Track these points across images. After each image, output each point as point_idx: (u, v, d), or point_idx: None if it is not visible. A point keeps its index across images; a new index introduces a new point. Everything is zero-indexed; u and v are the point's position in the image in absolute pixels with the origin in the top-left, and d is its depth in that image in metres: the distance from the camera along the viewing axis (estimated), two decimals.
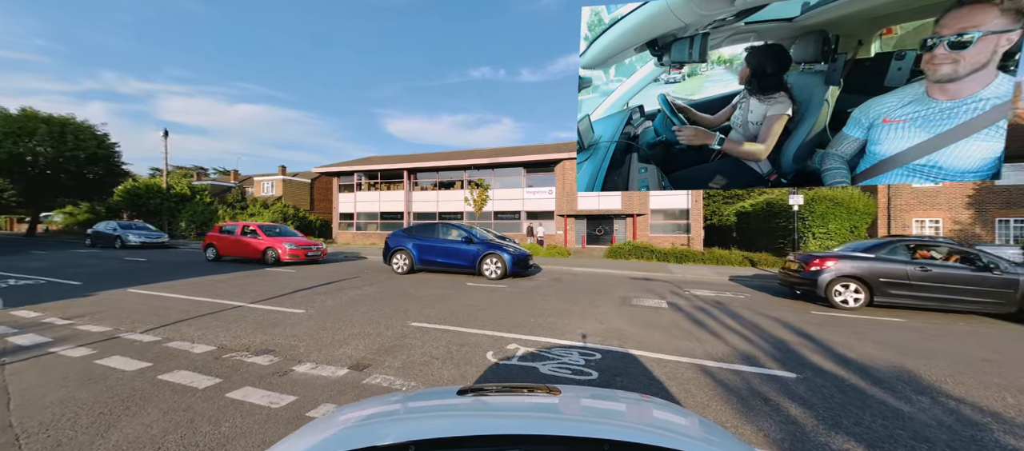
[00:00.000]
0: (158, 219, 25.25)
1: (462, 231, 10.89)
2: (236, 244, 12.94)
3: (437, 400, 1.52)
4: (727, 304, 7.15)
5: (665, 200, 22.27)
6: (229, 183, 37.77)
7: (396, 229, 11.88)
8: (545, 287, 8.90)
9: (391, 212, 27.85)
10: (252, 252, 12.65)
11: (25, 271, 10.02)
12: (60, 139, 25.20)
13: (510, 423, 1.21)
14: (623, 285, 9.14)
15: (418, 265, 10.82)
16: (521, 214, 25.41)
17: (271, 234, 13.00)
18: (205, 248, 13.64)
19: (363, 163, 29.59)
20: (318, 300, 7.07)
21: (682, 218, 22.15)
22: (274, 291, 7.85)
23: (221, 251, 13.23)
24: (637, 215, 22.24)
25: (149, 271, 10.50)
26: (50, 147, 24.68)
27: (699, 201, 21.63)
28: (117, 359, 4.01)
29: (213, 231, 13.89)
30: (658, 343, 4.72)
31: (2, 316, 5.57)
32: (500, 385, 1.59)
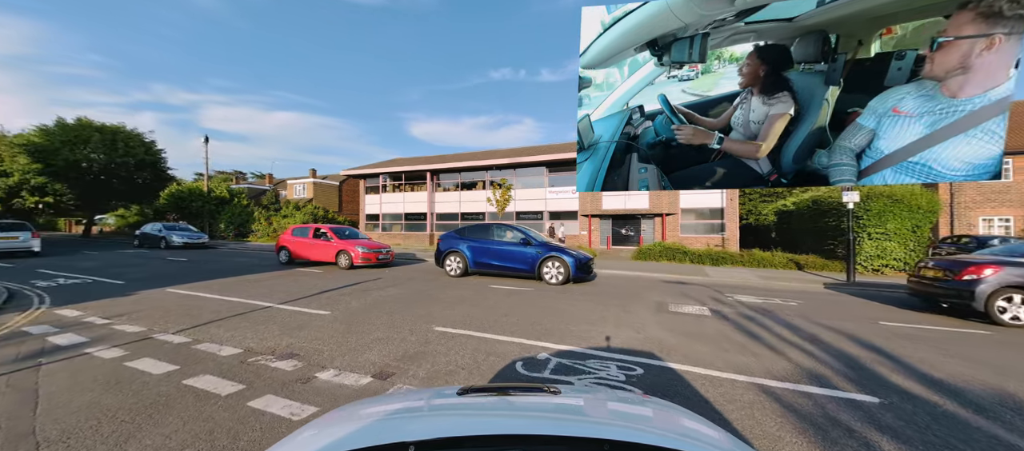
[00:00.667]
0: (200, 221, 26.58)
1: (518, 232, 10.25)
2: (309, 247, 12.57)
3: (437, 400, 1.49)
4: (777, 312, 6.52)
5: (697, 199, 21.26)
6: (264, 186, 39.45)
7: (447, 231, 11.59)
8: (573, 291, 8.50)
9: (415, 213, 28.12)
10: (325, 256, 12.28)
11: (76, 270, 10.60)
12: (111, 146, 27.05)
13: (510, 423, 1.20)
14: (657, 289, 8.60)
15: (472, 268, 10.30)
16: (544, 214, 25.02)
17: (342, 237, 12.56)
18: (277, 251, 13.37)
19: (388, 165, 30.07)
20: (343, 302, 6.99)
21: (716, 217, 21.08)
22: (303, 292, 7.86)
23: (294, 254, 12.90)
24: (666, 214, 21.35)
25: (188, 271, 10.87)
26: (103, 154, 26.52)
27: (735, 199, 20.51)
28: (147, 361, 3.98)
29: (285, 234, 13.43)
30: (707, 357, 4.25)
31: (47, 315, 5.78)
32: (500, 385, 1.55)
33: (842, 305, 7.39)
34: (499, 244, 10.19)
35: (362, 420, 1.25)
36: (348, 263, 11.72)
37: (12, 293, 7.33)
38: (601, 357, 4.20)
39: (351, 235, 13.12)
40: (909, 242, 11.52)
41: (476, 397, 1.45)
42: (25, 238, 13.43)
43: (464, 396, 1.42)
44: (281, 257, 13.16)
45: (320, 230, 12.86)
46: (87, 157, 25.84)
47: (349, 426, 1.19)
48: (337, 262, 11.98)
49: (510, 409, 1.35)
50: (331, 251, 12.13)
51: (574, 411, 1.41)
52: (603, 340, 4.86)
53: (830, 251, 12.93)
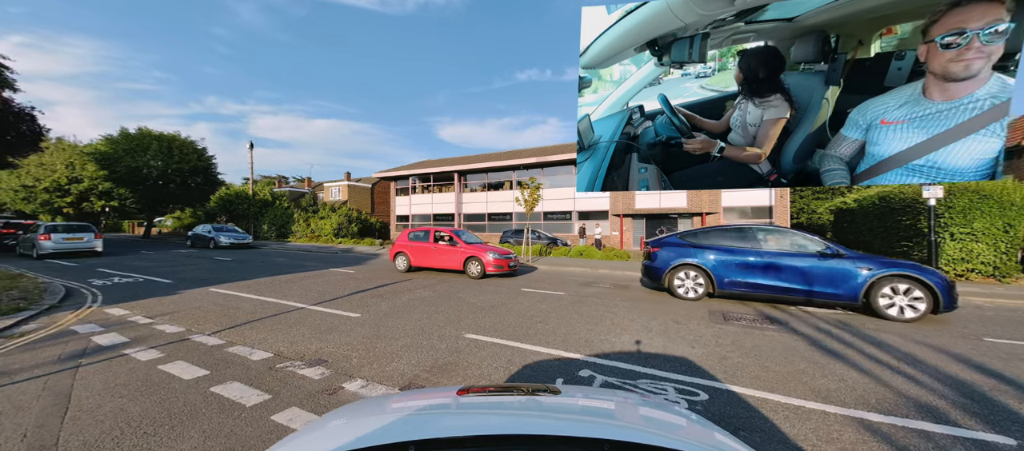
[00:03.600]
0: (245, 222, 28.08)
1: (803, 238, 6.88)
2: (431, 254, 11.12)
3: (437, 400, 1.48)
4: (855, 325, 5.69)
5: (741, 197, 19.89)
6: (304, 189, 41.25)
7: (664, 235, 8.56)
8: (609, 296, 7.95)
9: (443, 214, 28.29)
10: (450, 263, 10.77)
11: (130, 269, 11.26)
12: (168, 153, 29.08)
13: (510, 423, 1.19)
14: None
15: (722, 289, 7.03)
16: (572, 214, 24.37)
17: (468, 242, 10.96)
18: (393, 258, 11.75)
19: (416, 167, 30.48)
20: (373, 304, 6.86)
21: (762, 217, 19.63)
22: (335, 293, 7.83)
23: (413, 261, 11.34)
24: (707, 213, 20.13)
25: (231, 271, 11.27)
26: (160, 161, 28.58)
27: (785, 197, 19.00)
28: (180, 365, 3.92)
29: (401, 238, 11.88)
30: (781, 380, 3.64)
31: (96, 314, 5.99)
32: (500, 385, 1.54)
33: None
34: (777, 257, 6.75)
35: (363, 420, 1.24)
36: (480, 271, 10.08)
37: (70, 291, 7.78)
38: (654, 376, 3.70)
39: (473, 239, 11.44)
40: (1000, 243, 10.01)
41: (476, 397, 1.42)
42: (89, 239, 14.53)
43: (464, 396, 1.40)
44: (398, 264, 11.58)
45: (440, 234, 11.39)
46: (147, 164, 27.92)
47: (350, 426, 1.18)
48: (465, 270, 10.42)
49: (510, 409, 1.33)
50: (457, 258, 10.59)
51: (574, 411, 1.38)
52: (655, 354, 4.35)
53: (904, 254, 11.52)
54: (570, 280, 9.95)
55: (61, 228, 13.96)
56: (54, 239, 13.46)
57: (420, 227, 12.59)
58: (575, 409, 1.40)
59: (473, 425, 1.15)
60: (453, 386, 1.65)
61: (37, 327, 5.19)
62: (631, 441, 0.98)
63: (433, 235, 11.45)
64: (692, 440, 1.16)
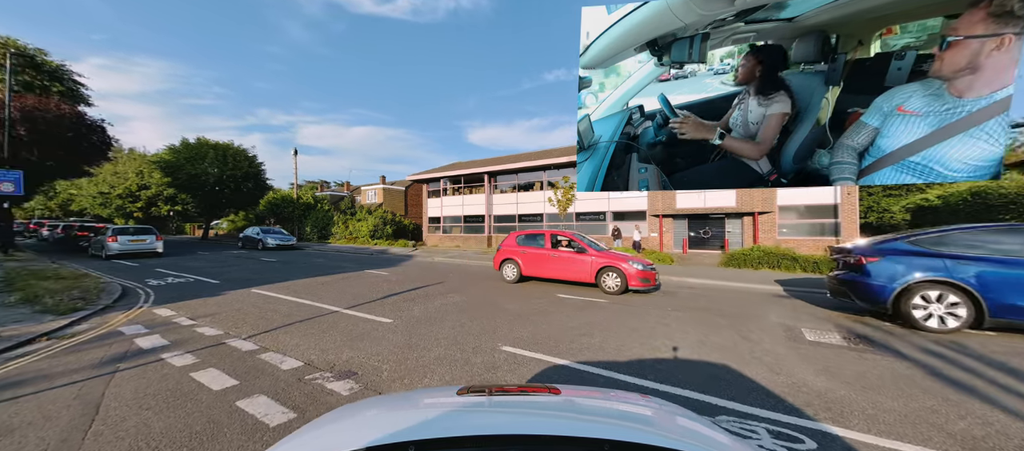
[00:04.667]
0: (290, 224, 29.48)
1: None
2: (549, 262, 9.13)
3: (437, 400, 1.46)
4: (973, 347, 4.69)
5: (800, 195, 18.12)
6: (343, 193, 42.91)
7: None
8: (658, 303, 7.24)
9: (473, 215, 28.22)
10: (576, 274, 8.73)
11: (184, 270, 11.87)
12: (223, 161, 31.16)
13: (510, 423, 1.19)
14: (772, 307, 6.98)
15: (998, 318, 4.97)
16: (606, 215, 23.37)
17: (599, 249, 9.01)
18: (499, 266, 9.91)
19: (447, 169, 30.67)
20: (406, 309, 6.61)
21: (827, 216, 17.78)
22: (368, 296, 7.69)
23: (526, 269, 9.44)
24: (759, 213, 18.55)
25: (274, 272, 11.60)
26: (216, 168, 30.67)
27: (854, 194, 17.08)
28: (211, 373, 3.78)
29: (508, 241, 10.00)
30: (908, 423, 2.88)
31: (145, 315, 6.15)
32: (501, 385, 1.53)
33: None
34: None
35: (363, 420, 1.26)
36: (620, 286, 7.96)
37: (126, 291, 8.18)
38: (739, 413, 3.04)
39: (596, 245, 9.44)
40: None
41: (476, 397, 1.40)
42: (151, 241, 15.62)
43: (464, 396, 1.39)
44: (506, 274, 9.74)
45: (559, 238, 9.49)
46: (204, 171, 30.01)
47: (350, 426, 1.21)
48: (599, 283, 8.34)
49: (510, 409, 1.33)
50: (586, 268, 8.53)
51: (574, 411, 1.38)
52: (729, 383, 3.69)
53: None
54: None
55: (126, 231, 15.08)
56: (120, 241, 14.56)
57: (531, 230, 10.50)
58: (575, 409, 1.39)
59: (473, 425, 1.13)
60: (453, 386, 1.67)
61: (89, 328, 5.35)
62: (631, 441, 0.98)
63: (550, 239, 9.51)
64: (692, 440, 1.17)
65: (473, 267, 13.69)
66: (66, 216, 44.59)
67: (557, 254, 9.21)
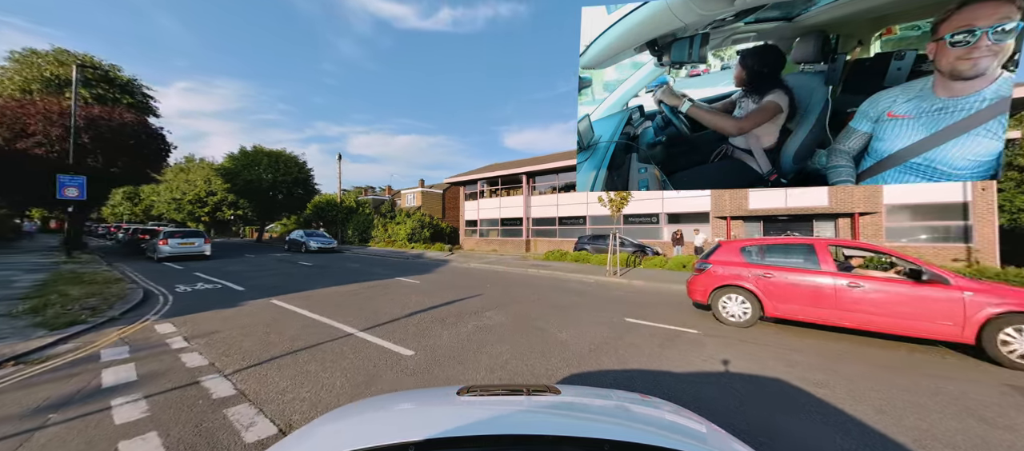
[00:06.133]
0: (334, 227, 30.03)
1: None
2: (840, 298, 5.04)
3: (437, 400, 1.48)
4: None
5: (915, 192, 14.79)
6: (384, 197, 43.66)
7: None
8: (769, 342, 5.37)
9: (511, 218, 26.93)
10: (916, 321, 4.62)
11: (220, 274, 11.60)
12: (275, 167, 32.55)
13: (510, 423, 1.17)
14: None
15: None
16: (660, 217, 21.01)
17: (971, 278, 4.72)
18: (708, 296, 6.14)
19: (484, 171, 29.68)
20: (433, 333, 5.34)
21: (953, 217, 14.35)
22: (392, 312, 6.54)
23: (777, 308, 5.49)
24: (861, 213, 15.44)
25: (305, 277, 10.98)
26: (270, 174, 32.08)
27: (991, 190, 13.60)
28: (151, 441, 2.68)
29: (725, 254, 6.18)
30: None
31: (143, 332, 5.37)
32: (500, 385, 1.52)
33: None
34: None
35: (363, 420, 1.26)
36: None
37: (146, 296, 7.71)
38: None
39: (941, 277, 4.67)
40: None
41: (476, 397, 1.38)
42: (199, 244, 15.92)
43: (464, 396, 1.38)
44: (725, 314, 5.89)
45: (848, 254, 6.50)
46: (259, 177, 31.46)
47: (350, 426, 1.20)
48: (983, 345, 4.30)
49: (510, 409, 1.31)
50: (949, 314, 4.46)
51: (574, 411, 1.37)
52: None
53: None
54: (690, 306, 7.46)
55: (178, 233, 15.44)
56: (171, 244, 14.89)
57: (778, 238, 6.04)
58: (575, 409, 1.39)
59: (473, 425, 1.10)
60: (453, 386, 1.53)
61: (70, 348, 4.60)
62: (631, 441, 0.98)
63: (828, 253, 5.41)
64: (692, 440, 1.16)
65: (513, 276, 12.31)
66: (148, 220, 49.41)
67: (860, 283, 4.95)
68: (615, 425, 1.26)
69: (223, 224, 42.66)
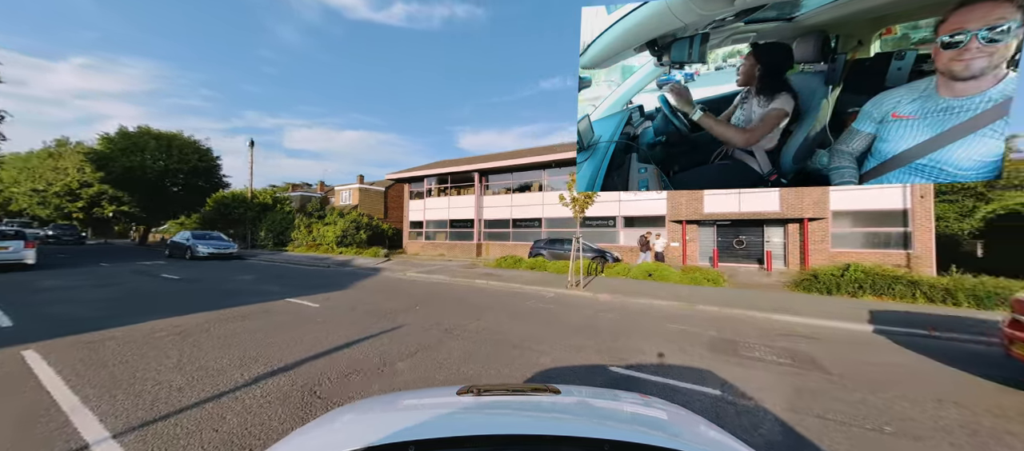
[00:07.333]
0: (242, 228, 25.09)
1: None
2: None
3: (437, 400, 1.47)
4: None
5: (858, 197, 14.80)
6: (315, 194, 38.49)
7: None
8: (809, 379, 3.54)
9: (461, 220, 24.43)
10: None
11: (22, 291, 7.71)
12: (167, 153, 26.77)
13: (510, 423, 1.17)
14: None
15: None
16: (616, 220, 19.91)
17: None
18: None
19: (433, 167, 26.89)
20: (268, 439, 2.78)
21: (893, 224, 14.46)
22: (228, 379, 3.80)
23: None
24: (810, 219, 15.15)
25: (149, 300, 7.61)
26: (161, 161, 26.24)
27: (929, 197, 13.79)
28: None
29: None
30: None
31: None
32: (500, 385, 1.50)
33: None
34: None
35: (363, 420, 1.26)
36: None
37: None
38: None
39: None
40: None
41: (476, 397, 1.37)
42: (16, 249, 11.42)
43: (464, 396, 1.37)
44: None
45: None
46: (142, 164, 25.54)
47: (350, 426, 1.19)
48: None
49: (510, 409, 1.31)
50: None
51: (574, 411, 1.38)
52: None
53: None
54: (687, 336, 5.59)
55: None
56: None
57: None
58: (575, 409, 1.40)
59: (473, 425, 1.12)
60: (453, 386, 1.50)
61: None
62: (631, 441, 0.97)
63: None
64: (692, 440, 1.15)
65: (456, 289, 9.85)
66: (5, 216, 39.18)
67: None
68: (615, 425, 1.29)
69: (103, 222, 34.77)
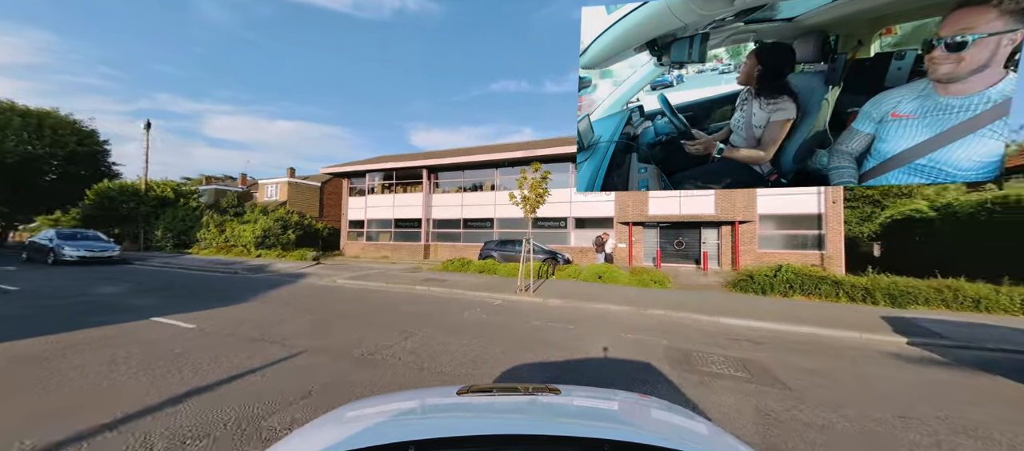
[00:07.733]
0: (133, 226, 21.05)
1: None
2: None
3: (437, 400, 1.46)
4: None
5: (781, 203, 15.91)
6: (235, 188, 33.95)
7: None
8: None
9: (407, 219, 22.82)
10: None
11: None
12: (37, 135, 21.81)
13: (510, 423, 1.17)
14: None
15: None
16: (568, 221, 19.75)
17: None
18: None
19: (377, 161, 24.85)
20: None
21: (810, 227, 15.71)
22: (84, 415, 2.44)
23: None
24: (740, 222, 16.00)
25: None
26: (28, 144, 21.25)
27: (840, 203, 15.14)
28: None
29: None
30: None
31: None
32: (500, 385, 1.51)
33: None
34: None
35: (363, 420, 1.23)
36: None
37: None
38: None
39: None
40: None
41: (476, 397, 1.39)
42: None
43: (464, 396, 1.37)
44: None
45: None
46: (1, 146, 20.49)
47: (350, 426, 1.17)
48: None
49: (510, 409, 1.30)
50: None
51: (574, 411, 1.37)
52: None
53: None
54: (643, 348, 5.05)
55: None
56: None
57: None
58: (575, 409, 1.38)
59: (473, 425, 1.12)
60: (453, 386, 1.51)
61: None
62: (631, 441, 0.97)
63: None
64: (692, 440, 1.15)
65: (393, 298, 8.63)
66: None
67: None
68: (615, 425, 1.28)
69: None
